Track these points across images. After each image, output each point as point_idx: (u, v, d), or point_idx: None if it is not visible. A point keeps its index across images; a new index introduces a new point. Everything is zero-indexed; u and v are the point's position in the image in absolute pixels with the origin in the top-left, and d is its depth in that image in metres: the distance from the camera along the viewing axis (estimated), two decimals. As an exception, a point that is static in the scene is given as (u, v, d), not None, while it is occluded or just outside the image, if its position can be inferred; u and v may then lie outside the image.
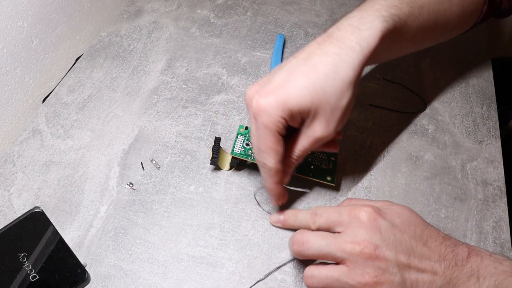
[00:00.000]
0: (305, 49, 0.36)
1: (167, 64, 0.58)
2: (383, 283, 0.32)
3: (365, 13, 0.36)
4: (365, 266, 0.32)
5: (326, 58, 0.34)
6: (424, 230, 0.35)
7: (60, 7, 0.58)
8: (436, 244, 0.34)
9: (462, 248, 0.34)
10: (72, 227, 0.42)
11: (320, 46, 0.35)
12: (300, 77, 0.34)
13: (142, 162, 0.47)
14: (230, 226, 0.43)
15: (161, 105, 0.53)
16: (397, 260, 0.32)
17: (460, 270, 0.33)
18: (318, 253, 0.34)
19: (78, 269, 0.39)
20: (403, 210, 0.36)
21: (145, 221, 0.43)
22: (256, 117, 0.34)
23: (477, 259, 0.33)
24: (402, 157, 0.48)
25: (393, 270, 0.32)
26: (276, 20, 0.64)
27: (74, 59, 0.62)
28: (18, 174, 0.46)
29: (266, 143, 0.35)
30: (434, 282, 0.33)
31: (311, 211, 0.38)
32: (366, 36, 0.34)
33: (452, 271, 0.33)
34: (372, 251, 0.32)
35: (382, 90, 0.55)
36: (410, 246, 0.33)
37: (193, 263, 0.40)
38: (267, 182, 0.38)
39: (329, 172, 0.44)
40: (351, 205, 0.36)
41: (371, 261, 0.32)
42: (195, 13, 0.65)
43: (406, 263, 0.32)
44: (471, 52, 0.60)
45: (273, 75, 0.35)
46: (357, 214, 0.34)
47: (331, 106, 0.34)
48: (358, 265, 0.32)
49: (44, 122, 0.51)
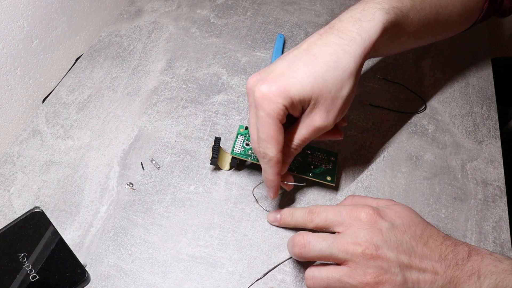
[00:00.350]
0: (307, 40, 0.36)
1: (167, 64, 0.58)
2: (385, 283, 0.32)
3: (367, 5, 0.36)
4: (367, 267, 0.32)
5: (327, 48, 0.34)
6: (424, 230, 0.35)
7: (60, 7, 0.58)
8: (437, 244, 0.34)
9: (462, 247, 0.34)
10: (72, 227, 0.42)
11: (321, 36, 0.35)
12: (301, 66, 0.34)
13: (142, 162, 0.47)
14: (230, 226, 0.43)
15: (161, 105, 0.53)
16: (398, 260, 0.32)
17: (461, 269, 0.33)
18: (320, 255, 0.34)
19: (78, 269, 0.39)
20: (403, 210, 0.36)
21: (145, 221, 0.43)
22: (257, 105, 0.34)
23: (477, 258, 0.33)
24: (402, 157, 0.48)
25: (394, 270, 0.32)
26: (276, 20, 0.64)
27: (74, 59, 0.62)
28: (18, 174, 0.46)
29: (268, 131, 0.35)
30: (435, 282, 0.33)
31: (308, 209, 0.38)
32: (368, 27, 0.34)
33: (453, 271, 0.33)
34: (373, 252, 0.32)
35: (382, 90, 0.55)
36: (411, 246, 0.33)
37: (193, 263, 0.40)
38: (267, 173, 0.38)
39: (329, 172, 0.44)
40: (352, 206, 0.36)
41: (373, 261, 0.32)
42: (195, 13, 0.65)
43: (407, 263, 0.33)
44: (471, 52, 0.60)
45: (274, 64, 0.36)
46: (357, 215, 0.35)
47: (332, 95, 0.34)
48: (360, 265, 0.33)
49: (44, 122, 0.51)
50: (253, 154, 0.44)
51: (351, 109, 0.53)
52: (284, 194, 0.45)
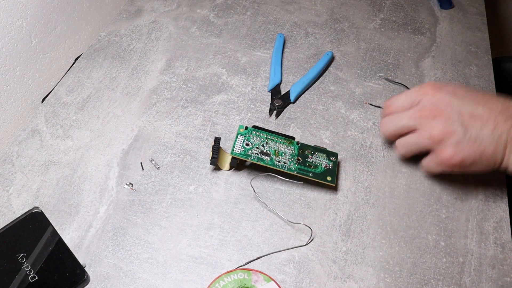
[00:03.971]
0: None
1: (166, 64, 0.58)
2: (449, 135, 0.39)
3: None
4: (432, 125, 0.40)
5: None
6: (484, 95, 0.41)
7: (59, 6, 0.58)
8: (497, 103, 0.40)
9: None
10: (71, 227, 0.42)
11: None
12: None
13: (142, 162, 0.47)
14: (230, 226, 0.43)
15: (161, 105, 0.53)
16: (460, 118, 0.39)
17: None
18: (396, 128, 0.43)
19: (78, 269, 0.39)
20: (462, 85, 0.43)
21: (144, 222, 0.43)
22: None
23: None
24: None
25: (457, 127, 0.39)
26: (276, 19, 0.64)
27: (73, 58, 0.62)
28: (17, 174, 0.46)
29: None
30: (496, 129, 0.39)
31: (384, 107, 0.45)
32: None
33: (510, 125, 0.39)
34: (437, 112, 0.40)
35: (382, 90, 0.55)
36: (472, 107, 0.39)
37: (193, 263, 0.40)
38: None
39: (329, 172, 0.44)
40: (417, 86, 0.43)
41: (437, 120, 0.40)
42: (195, 13, 0.65)
43: (468, 120, 0.39)
44: (471, 51, 0.60)
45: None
46: (423, 89, 0.42)
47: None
48: (427, 125, 0.40)
49: (43, 122, 0.51)
50: (253, 154, 0.44)
51: (351, 109, 0.52)
52: (284, 194, 0.45)
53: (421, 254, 0.41)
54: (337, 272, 0.40)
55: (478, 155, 0.39)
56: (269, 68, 0.57)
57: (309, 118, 0.52)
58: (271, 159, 0.44)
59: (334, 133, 0.50)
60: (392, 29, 0.63)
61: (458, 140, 0.39)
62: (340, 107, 0.53)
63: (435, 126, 0.40)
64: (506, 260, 0.41)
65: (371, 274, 0.40)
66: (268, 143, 0.45)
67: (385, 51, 0.60)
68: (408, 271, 0.40)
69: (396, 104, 0.44)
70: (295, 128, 0.51)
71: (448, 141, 0.39)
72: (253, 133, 0.46)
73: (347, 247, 0.42)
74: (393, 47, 0.60)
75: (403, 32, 0.63)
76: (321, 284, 0.39)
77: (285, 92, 0.54)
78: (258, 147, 0.45)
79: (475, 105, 0.40)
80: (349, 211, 0.44)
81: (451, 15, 0.65)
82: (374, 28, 0.63)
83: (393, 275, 0.40)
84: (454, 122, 0.39)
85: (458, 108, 0.40)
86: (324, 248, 0.41)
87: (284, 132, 0.50)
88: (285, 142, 0.46)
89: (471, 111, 0.39)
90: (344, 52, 0.60)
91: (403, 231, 0.43)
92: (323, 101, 0.54)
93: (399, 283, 0.39)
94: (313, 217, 0.43)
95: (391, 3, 0.67)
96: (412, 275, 0.40)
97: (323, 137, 0.50)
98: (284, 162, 0.44)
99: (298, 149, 0.45)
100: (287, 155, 0.44)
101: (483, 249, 0.41)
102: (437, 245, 0.42)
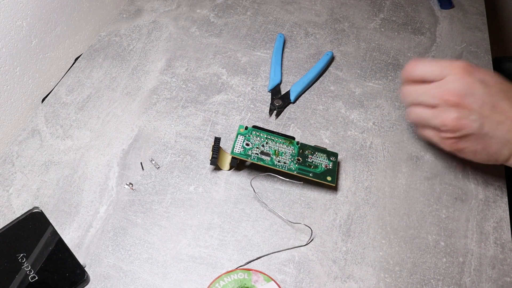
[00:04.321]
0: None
1: (166, 64, 0.58)
2: (462, 127, 0.38)
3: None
4: (449, 112, 0.38)
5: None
6: (511, 88, 0.40)
7: (59, 6, 0.58)
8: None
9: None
10: (71, 227, 0.42)
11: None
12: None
13: (142, 162, 0.47)
14: (230, 226, 0.43)
15: (161, 105, 0.53)
16: (480, 110, 0.38)
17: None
18: (413, 101, 0.42)
19: (78, 269, 0.39)
20: (493, 73, 0.41)
21: (144, 222, 0.43)
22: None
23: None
24: (403, 157, 0.48)
25: (474, 117, 0.38)
26: (276, 19, 0.64)
27: (73, 58, 0.62)
28: (17, 174, 0.46)
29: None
30: (505, 137, 0.38)
31: (408, 73, 0.43)
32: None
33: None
34: (457, 100, 0.38)
35: (382, 90, 0.55)
36: (496, 99, 0.38)
37: (193, 263, 0.40)
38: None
39: (329, 172, 0.44)
40: (448, 60, 0.41)
41: (455, 108, 0.38)
42: (195, 13, 0.65)
43: (488, 113, 0.38)
44: (472, 51, 0.60)
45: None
46: (453, 66, 0.40)
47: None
48: (444, 110, 0.39)
49: (43, 122, 0.51)
50: (253, 154, 0.44)
51: (351, 109, 0.53)
52: (284, 194, 0.45)
53: (421, 254, 0.41)
54: (337, 272, 0.40)
55: (480, 149, 0.39)
56: (269, 68, 0.57)
57: (309, 118, 0.52)
58: (271, 159, 0.44)
59: (334, 133, 0.50)
60: (392, 29, 0.63)
61: (467, 133, 0.39)
62: (340, 107, 0.53)
63: (450, 114, 0.38)
64: (506, 260, 0.41)
65: (371, 274, 0.40)
66: (268, 143, 0.45)
67: (385, 51, 0.60)
68: (408, 271, 0.40)
69: (421, 71, 0.42)
70: (295, 128, 0.51)
71: (457, 132, 0.39)
72: (253, 133, 0.46)
73: (347, 247, 0.42)
74: (393, 47, 0.60)
75: (403, 32, 0.63)
76: (321, 284, 0.39)
77: (285, 92, 0.54)
78: (258, 147, 0.45)
79: (501, 98, 0.38)
80: (349, 211, 0.44)
81: (451, 15, 0.65)
82: (374, 28, 0.63)
83: (393, 275, 0.40)
84: (472, 114, 0.38)
85: (482, 97, 0.38)
86: (324, 248, 0.41)
87: (284, 132, 0.50)
88: (285, 142, 0.46)
89: (495, 103, 0.38)
90: (344, 52, 0.60)
91: (403, 231, 0.43)
92: (323, 101, 0.54)
93: (399, 283, 0.39)
94: (313, 217, 0.43)
95: (391, 3, 0.67)
96: (412, 275, 0.40)
97: (323, 137, 0.50)
98: (284, 162, 0.44)
99: (298, 149, 0.45)
100: (287, 155, 0.45)
101: (483, 249, 0.41)
102: (437, 245, 0.42)
